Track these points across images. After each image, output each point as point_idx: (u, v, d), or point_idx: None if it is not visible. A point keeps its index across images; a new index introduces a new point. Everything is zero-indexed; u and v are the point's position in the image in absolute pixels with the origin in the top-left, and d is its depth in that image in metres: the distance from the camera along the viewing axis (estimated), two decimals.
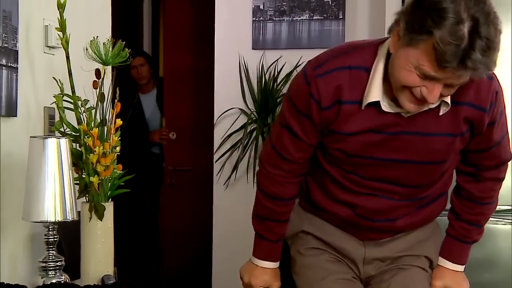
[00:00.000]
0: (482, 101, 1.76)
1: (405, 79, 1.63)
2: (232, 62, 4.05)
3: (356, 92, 1.75)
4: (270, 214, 1.98)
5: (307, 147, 1.87)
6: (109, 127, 2.00)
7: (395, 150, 1.79)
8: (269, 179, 1.95)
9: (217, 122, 4.10)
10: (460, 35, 1.50)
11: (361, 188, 1.88)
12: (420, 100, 1.65)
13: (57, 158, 1.83)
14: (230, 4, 4.09)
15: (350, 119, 1.77)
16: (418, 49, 1.57)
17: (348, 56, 1.78)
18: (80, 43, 2.04)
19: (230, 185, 4.06)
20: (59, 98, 2.01)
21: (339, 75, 1.75)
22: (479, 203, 1.96)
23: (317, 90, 1.76)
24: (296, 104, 1.81)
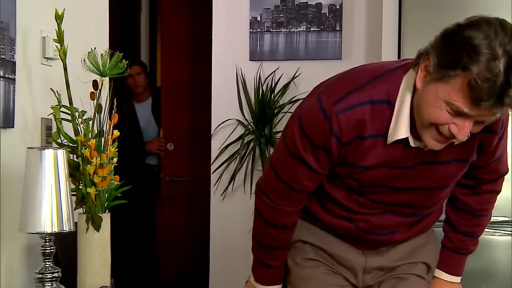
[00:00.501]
0: (495, 124, 1.73)
1: (434, 116, 1.57)
2: (229, 73, 4.06)
3: (378, 126, 1.69)
4: (276, 243, 1.93)
5: (321, 177, 1.81)
6: (106, 138, 2.00)
7: (410, 180, 1.78)
8: (274, 209, 1.86)
9: (215, 133, 4.11)
10: (496, 72, 1.44)
11: (366, 209, 1.86)
12: (447, 138, 1.60)
13: (54, 169, 1.83)
14: (228, 15, 4.10)
15: (369, 153, 1.71)
16: (450, 85, 1.51)
17: (369, 89, 1.69)
18: (77, 54, 2.04)
19: (227, 196, 4.06)
20: (56, 109, 2.01)
21: (361, 110, 1.67)
22: (476, 215, 1.96)
23: (339, 126, 1.67)
24: (312, 138, 1.72)
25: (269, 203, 1.86)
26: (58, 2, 2.21)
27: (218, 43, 4.13)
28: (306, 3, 3.96)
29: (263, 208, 1.89)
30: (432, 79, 1.56)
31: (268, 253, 1.96)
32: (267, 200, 1.86)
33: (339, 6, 3.91)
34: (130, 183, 2.11)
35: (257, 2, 4.01)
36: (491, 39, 1.47)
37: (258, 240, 1.96)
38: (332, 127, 1.68)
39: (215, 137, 4.11)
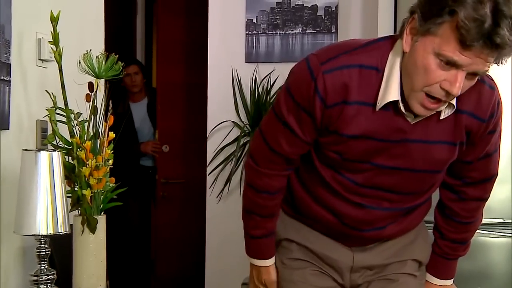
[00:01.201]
0: (483, 111, 1.73)
1: (425, 75, 1.55)
2: (225, 75, 4.06)
3: (364, 92, 1.67)
4: (256, 208, 1.92)
5: (302, 144, 1.79)
6: (102, 140, 2.00)
7: (395, 158, 1.74)
8: (255, 171, 1.87)
9: (210, 135, 4.11)
10: (483, 13, 1.43)
11: (352, 195, 1.81)
12: (438, 101, 1.58)
13: (49, 171, 1.82)
14: (223, 17, 4.11)
15: (353, 121, 1.69)
16: (438, 35, 1.50)
17: (359, 54, 1.68)
18: (73, 56, 2.04)
19: (223, 198, 4.06)
20: (51, 111, 2.00)
21: (349, 73, 1.66)
22: (464, 223, 1.93)
23: (324, 86, 1.65)
24: (296, 98, 1.71)
25: (252, 165, 1.88)
26: (54, 4, 2.21)
27: (214, 45, 4.13)
28: (302, 5, 3.97)
29: (247, 171, 1.91)
30: (419, 35, 1.55)
31: (249, 219, 1.95)
32: (251, 162, 1.88)
33: (335, 8, 3.92)
34: (125, 185, 2.10)
35: (253, 4, 4.02)
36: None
37: (243, 205, 1.97)
38: (317, 87, 1.66)
39: (211, 139, 4.11)
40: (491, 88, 1.74)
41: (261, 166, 1.86)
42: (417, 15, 1.56)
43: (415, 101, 1.61)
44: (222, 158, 4.02)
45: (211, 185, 4.08)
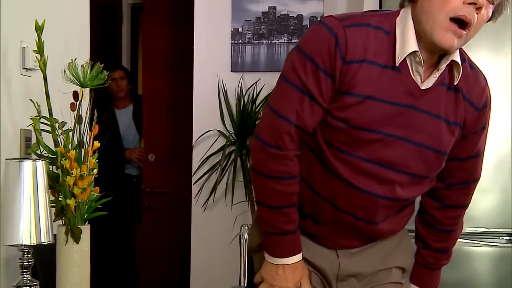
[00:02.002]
0: (478, 99, 1.77)
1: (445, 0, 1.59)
2: (211, 85, 4.06)
3: (379, 53, 1.67)
4: (285, 199, 1.76)
5: (320, 112, 1.70)
6: (87, 149, 1.99)
7: (401, 127, 1.71)
8: (280, 158, 1.72)
9: (196, 144, 4.11)
10: None
11: (354, 175, 1.74)
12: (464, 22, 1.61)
13: (33, 181, 1.81)
14: (209, 27, 4.11)
15: (366, 81, 1.66)
16: None
17: (372, 17, 1.70)
18: (58, 65, 2.03)
19: (208, 207, 4.06)
20: (36, 120, 1.99)
21: (367, 31, 1.66)
22: (447, 231, 1.94)
23: (346, 40, 1.63)
24: (315, 59, 1.65)
25: (275, 152, 1.72)
26: (39, 13, 2.20)
27: (199, 54, 4.14)
28: (288, 14, 3.99)
29: (263, 160, 1.74)
30: None
31: (280, 216, 1.78)
32: (272, 150, 1.72)
33: (320, 18, 3.93)
34: (110, 194, 2.10)
35: (238, 14, 4.03)
36: None
37: (268, 204, 1.78)
38: (339, 41, 1.63)
39: (196, 148, 4.10)
40: (485, 80, 1.81)
41: (283, 149, 1.72)
42: None
43: (441, 31, 1.62)
44: (208, 167, 4.02)
45: (196, 194, 4.07)
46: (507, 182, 3.02)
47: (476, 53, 3.04)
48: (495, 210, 3.03)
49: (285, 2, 3.98)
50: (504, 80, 3.03)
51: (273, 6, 4.00)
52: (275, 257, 1.83)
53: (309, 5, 3.94)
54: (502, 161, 3.03)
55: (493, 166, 3.03)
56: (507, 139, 3.03)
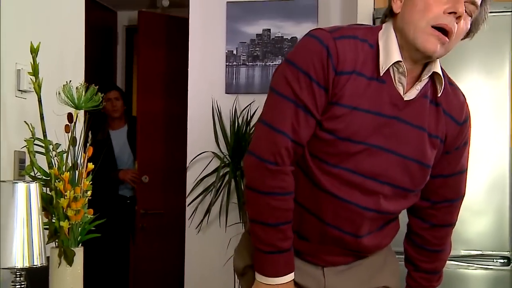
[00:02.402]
0: (458, 113, 1.81)
1: (426, 9, 1.64)
2: (205, 106, 4.07)
3: (365, 65, 1.70)
4: (282, 216, 1.73)
5: (314, 125, 1.70)
6: (81, 171, 1.98)
7: (386, 137, 1.73)
8: (272, 172, 1.69)
9: (190, 165, 4.10)
10: None
11: (339, 187, 1.73)
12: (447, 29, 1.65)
13: (26, 203, 1.81)
14: (204, 48, 4.13)
15: (354, 92, 1.68)
16: None
17: (353, 30, 1.74)
18: (53, 87, 2.03)
19: (202, 229, 4.04)
20: (30, 142, 1.99)
21: (355, 43, 1.70)
22: (436, 251, 1.94)
23: (337, 52, 1.66)
24: (309, 72, 1.66)
25: (271, 168, 1.69)
26: (34, 35, 2.21)
27: (194, 76, 4.15)
28: (282, 37, 4.01)
29: (258, 176, 1.71)
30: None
31: (276, 233, 1.74)
32: (267, 165, 1.69)
33: None
34: (103, 216, 2.09)
35: (233, 36, 4.05)
36: None
37: (264, 221, 1.74)
38: (330, 52, 1.65)
39: (191, 169, 4.10)
40: (464, 96, 1.86)
41: (281, 164, 1.69)
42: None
43: (424, 36, 1.66)
44: (202, 188, 4.01)
45: (190, 216, 4.06)
46: (502, 204, 3.03)
47: (471, 75, 3.07)
48: (490, 232, 3.03)
49: (279, 24, 4.00)
50: (499, 102, 3.04)
51: (268, 28, 4.02)
52: (269, 277, 1.79)
53: (303, 27, 3.96)
54: (497, 183, 3.04)
55: (487, 188, 3.04)
56: (501, 161, 3.04)
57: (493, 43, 3.03)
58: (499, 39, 3.02)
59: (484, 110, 3.06)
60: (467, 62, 3.07)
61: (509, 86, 3.02)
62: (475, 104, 3.05)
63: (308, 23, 3.95)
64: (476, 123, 3.02)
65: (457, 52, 3.05)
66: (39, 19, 2.39)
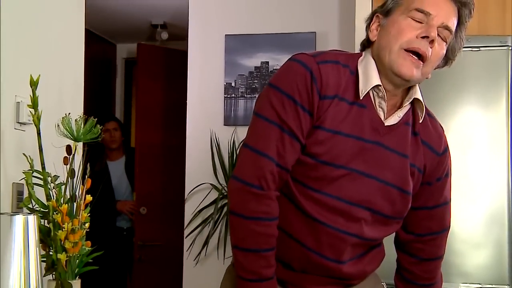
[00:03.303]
0: (437, 144, 1.84)
1: (400, 33, 1.69)
2: (203, 138, 4.08)
3: (346, 90, 1.73)
4: (265, 242, 1.70)
5: (299, 149, 1.70)
6: (79, 203, 1.98)
7: (368, 162, 1.73)
8: (256, 196, 1.67)
9: (188, 197, 4.10)
10: None
11: (321, 209, 1.72)
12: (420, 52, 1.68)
13: (24, 235, 1.80)
14: (202, 81, 4.15)
15: (337, 117, 1.71)
16: (402, 4, 1.71)
17: (335, 55, 1.79)
18: (51, 119, 2.04)
19: (200, 261, 4.02)
20: (28, 174, 1.99)
21: (337, 68, 1.73)
22: (427, 285, 1.92)
23: (320, 75, 1.68)
24: (293, 96, 1.67)
25: (255, 192, 1.67)
26: (33, 67, 2.23)
27: (192, 108, 4.16)
28: None
29: (241, 199, 1.69)
30: (384, 19, 1.73)
31: (258, 260, 1.71)
32: (251, 189, 1.67)
33: None
34: (101, 248, 2.08)
35: (231, 69, 4.07)
36: None
37: (247, 248, 1.71)
38: (314, 76, 1.68)
39: (189, 201, 4.09)
40: (442, 128, 1.89)
41: (266, 189, 1.68)
42: (378, 9, 1.76)
43: (399, 60, 1.69)
44: (200, 220, 4.00)
45: (188, 248, 4.04)
46: (501, 237, 3.02)
47: (469, 108, 3.08)
48: (489, 265, 3.02)
49: (277, 57, 4.03)
50: (497, 135, 3.05)
51: (266, 61, 4.05)
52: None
53: None
54: (496, 216, 3.03)
55: (486, 221, 3.03)
56: (500, 194, 3.03)
57: (491, 76, 3.06)
58: (496, 73, 3.04)
59: (482, 143, 3.07)
60: (465, 95, 3.09)
61: (507, 119, 3.03)
62: (473, 137, 3.07)
63: None
64: (474, 156, 3.05)
65: (455, 85, 3.09)
66: (39, 51, 2.41)
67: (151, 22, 5.31)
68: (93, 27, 5.22)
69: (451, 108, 3.10)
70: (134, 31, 5.50)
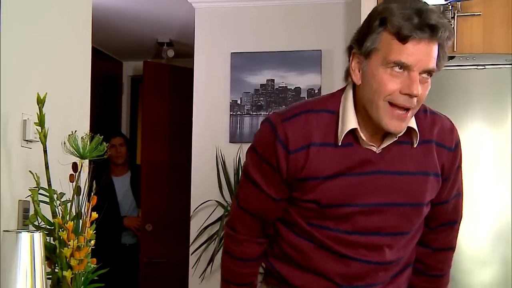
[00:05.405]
0: (448, 140, 1.81)
1: (381, 86, 1.63)
2: (209, 155, 4.09)
3: (325, 134, 1.73)
4: (233, 277, 1.91)
5: (271, 202, 1.80)
6: (84, 220, 1.99)
7: (374, 193, 1.74)
8: (232, 238, 1.88)
9: (194, 214, 4.10)
10: (409, 12, 1.59)
11: (342, 246, 1.78)
12: (404, 106, 1.64)
13: (30, 253, 1.80)
14: (208, 98, 4.17)
15: (322, 163, 1.72)
16: (380, 48, 1.62)
17: (311, 102, 1.80)
18: (58, 137, 2.05)
19: (205, 277, 4.02)
20: (34, 192, 2.00)
21: (307, 117, 1.74)
22: (437, 276, 1.93)
23: (285, 133, 1.72)
24: (260, 153, 1.77)
25: (228, 231, 1.89)
26: (40, 85, 2.24)
27: (198, 125, 4.18)
28: (286, 87, 4.05)
29: (225, 240, 1.91)
30: (364, 62, 1.66)
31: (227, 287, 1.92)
32: (227, 228, 1.90)
33: (318, 90, 4.00)
34: (106, 264, 2.08)
35: (237, 86, 4.09)
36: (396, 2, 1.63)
37: (221, 275, 1.95)
38: (278, 134, 1.72)
39: (194, 218, 4.09)
40: (451, 123, 1.86)
41: (236, 231, 1.86)
42: (355, 47, 1.68)
43: (386, 119, 1.66)
44: (205, 237, 4.00)
45: (194, 264, 4.04)
46: (507, 254, 3.00)
47: (475, 125, 3.08)
48: (496, 283, 3.00)
49: (283, 75, 4.04)
50: (503, 153, 3.05)
51: (272, 79, 4.06)
52: None
53: (307, 77, 4.01)
54: (502, 233, 3.02)
55: (492, 238, 3.02)
56: (506, 210, 3.02)
57: (496, 94, 3.06)
58: (502, 90, 3.04)
59: (487, 160, 3.06)
60: (470, 113, 3.09)
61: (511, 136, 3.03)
62: (479, 154, 3.07)
63: (312, 73, 4.00)
64: (480, 173, 3.04)
65: (460, 103, 3.09)
66: (45, 69, 2.42)
67: (157, 40, 5.34)
68: (100, 45, 5.25)
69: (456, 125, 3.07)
70: (140, 49, 5.53)
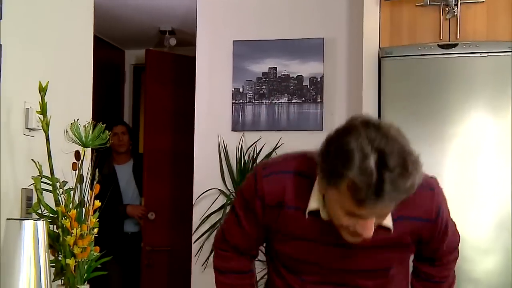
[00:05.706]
0: (427, 212, 1.76)
1: (338, 221, 1.63)
2: (211, 143, 4.09)
3: (299, 198, 1.75)
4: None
5: (249, 237, 1.91)
6: (87, 209, 1.99)
7: (343, 260, 1.78)
8: (218, 255, 2.01)
9: (196, 202, 4.10)
10: (369, 172, 1.48)
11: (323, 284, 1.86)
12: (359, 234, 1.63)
13: (34, 241, 1.81)
14: (211, 86, 4.16)
15: (291, 224, 1.78)
16: (337, 189, 1.56)
17: (294, 161, 1.79)
18: (60, 125, 2.05)
19: (208, 266, 4.02)
20: (37, 180, 2.00)
21: (284, 178, 1.77)
22: (440, 282, 1.96)
23: (262, 189, 1.79)
24: (245, 196, 1.86)
25: (214, 249, 2.04)
26: (43, 74, 2.24)
27: (200, 113, 4.17)
28: (288, 75, 4.04)
29: (214, 259, 2.05)
30: (327, 186, 1.60)
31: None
32: (216, 249, 2.03)
33: (320, 79, 3.99)
34: (109, 252, 2.09)
35: (239, 74, 4.08)
36: (361, 139, 1.50)
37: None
38: (257, 189, 1.80)
39: (197, 206, 4.10)
40: (431, 189, 1.78)
41: (220, 247, 2.00)
42: (318, 170, 1.61)
43: (343, 232, 1.67)
44: (208, 226, 4.01)
45: (196, 253, 4.05)
46: (509, 242, 3.01)
47: (477, 113, 3.08)
48: (498, 271, 3.01)
49: (285, 63, 4.04)
50: (505, 141, 3.04)
51: (274, 67, 4.06)
52: None
53: (309, 66, 4.00)
54: (504, 221, 3.02)
55: (494, 227, 3.03)
56: (508, 199, 3.03)
57: (499, 82, 3.05)
58: (504, 78, 3.04)
59: (490, 148, 3.06)
60: (473, 101, 3.09)
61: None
62: (481, 142, 3.07)
63: (314, 61, 3.99)
64: (482, 161, 3.04)
65: (463, 90, 3.09)
66: (48, 58, 2.42)
67: (159, 28, 5.32)
68: (102, 33, 5.24)
69: (458, 113, 3.10)
70: (143, 37, 5.52)
